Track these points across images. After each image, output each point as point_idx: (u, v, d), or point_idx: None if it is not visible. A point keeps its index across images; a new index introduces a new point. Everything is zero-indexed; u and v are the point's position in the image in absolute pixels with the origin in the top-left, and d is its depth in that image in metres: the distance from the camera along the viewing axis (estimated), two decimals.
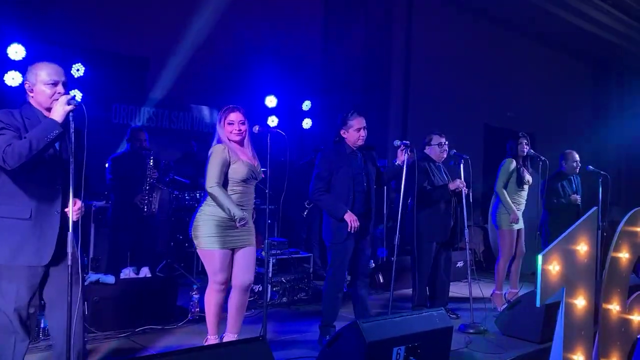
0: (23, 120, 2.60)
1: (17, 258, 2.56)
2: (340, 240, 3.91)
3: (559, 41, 11.11)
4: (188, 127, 7.19)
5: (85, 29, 6.08)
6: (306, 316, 4.82)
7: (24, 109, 2.67)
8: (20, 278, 2.58)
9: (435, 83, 8.96)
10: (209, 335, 3.53)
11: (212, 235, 3.40)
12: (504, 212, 5.18)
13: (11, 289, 2.58)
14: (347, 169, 3.95)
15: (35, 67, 2.66)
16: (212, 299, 3.48)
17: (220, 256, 3.42)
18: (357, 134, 3.96)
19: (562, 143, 7.79)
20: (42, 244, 2.57)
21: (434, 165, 4.79)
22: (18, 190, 2.58)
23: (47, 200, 2.60)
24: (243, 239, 3.51)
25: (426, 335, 3.19)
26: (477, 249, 7.84)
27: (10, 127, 2.54)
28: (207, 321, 3.52)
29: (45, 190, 2.61)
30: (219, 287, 3.46)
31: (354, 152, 4.03)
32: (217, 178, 3.36)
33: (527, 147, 5.21)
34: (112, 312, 4.01)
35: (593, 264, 2.48)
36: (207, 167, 3.41)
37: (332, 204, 3.91)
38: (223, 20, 7.18)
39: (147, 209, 5.37)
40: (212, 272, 3.45)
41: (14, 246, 2.56)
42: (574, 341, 2.42)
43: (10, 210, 2.58)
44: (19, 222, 2.57)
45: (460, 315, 4.90)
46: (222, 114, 3.53)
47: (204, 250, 3.45)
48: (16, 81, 5.53)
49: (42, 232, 2.58)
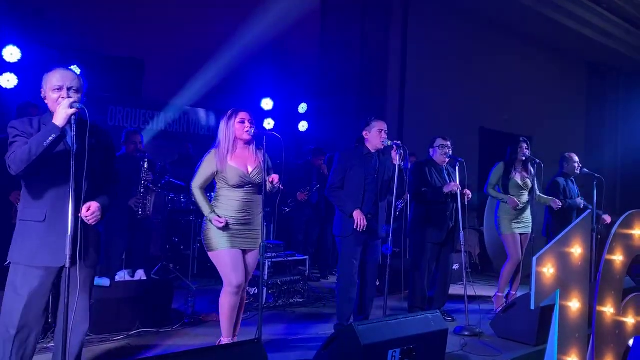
0: (40, 127, 2.64)
1: (35, 259, 2.61)
2: (347, 234, 4.06)
3: (554, 44, 11.17)
4: (184, 129, 7.18)
5: (81, 31, 6.08)
6: (302, 319, 4.82)
7: (44, 116, 2.71)
8: (36, 278, 2.62)
9: (431, 86, 8.99)
10: (223, 337, 3.54)
11: (220, 237, 3.44)
12: (504, 218, 5.19)
13: (26, 290, 2.61)
14: (360, 169, 4.14)
15: (47, 75, 2.71)
16: (226, 302, 3.47)
17: (230, 255, 3.44)
18: (379, 135, 4.16)
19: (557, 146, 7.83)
20: (58, 245, 2.58)
21: (435, 168, 4.80)
22: (34, 194, 2.65)
23: (61, 203, 2.62)
24: (249, 243, 3.54)
25: (421, 337, 3.20)
26: (472, 252, 7.85)
27: (24, 134, 2.59)
28: (222, 323, 3.53)
29: (58, 193, 2.64)
30: (234, 290, 3.45)
31: (370, 154, 4.20)
32: (199, 182, 3.53)
33: (526, 151, 5.24)
34: (107, 315, 3.98)
35: (587, 266, 2.49)
36: (197, 168, 3.56)
37: (342, 201, 4.11)
38: (219, 22, 7.20)
39: (142, 212, 5.36)
40: (225, 273, 3.46)
41: (32, 248, 2.62)
42: (568, 343, 2.42)
43: (28, 214, 2.66)
44: (35, 224, 2.63)
45: (456, 317, 4.91)
46: (232, 113, 3.54)
47: (214, 252, 3.47)
48: (11, 83, 5.52)
49: (58, 234, 2.60)
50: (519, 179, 5.22)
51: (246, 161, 3.54)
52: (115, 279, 4.49)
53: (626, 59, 11.85)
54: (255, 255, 3.59)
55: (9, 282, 2.65)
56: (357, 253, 4.12)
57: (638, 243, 2.71)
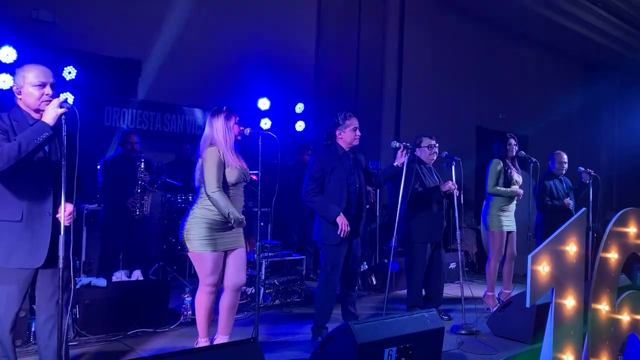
0: (11, 123, 2.60)
1: (10, 260, 2.56)
2: (334, 242, 3.91)
3: (550, 43, 11.20)
4: (180, 129, 7.17)
5: (76, 32, 6.06)
6: (299, 318, 4.82)
7: (12, 111, 2.67)
8: (12, 280, 2.58)
9: (427, 86, 9.01)
10: (200, 338, 3.53)
11: (204, 238, 3.39)
12: (494, 214, 5.21)
13: (2, 292, 2.58)
14: (341, 170, 3.97)
15: (23, 70, 2.66)
16: (202, 301, 3.47)
17: (213, 259, 3.42)
18: (353, 133, 4.03)
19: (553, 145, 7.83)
20: (34, 246, 2.56)
21: (424, 167, 4.82)
22: (9, 193, 2.58)
23: (38, 202, 2.60)
24: (234, 241, 3.52)
25: (418, 336, 3.20)
26: (469, 251, 7.86)
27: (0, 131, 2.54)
28: (198, 323, 3.52)
29: (35, 192, 2.61)
30: (210, 290, 3.46)
31: (346, 153, 4.07)
32: (218, 182, 3.36)
33: (515, 147, 5.25)
34: (104, 315, 3.99)
35: (582, 264, 2.50)
36: (205, 171, 3.39)
37: (325, 206, 3.91)
38: (216, 22, 7.19)
39: (139, 212, 5.36)
40: (204, 274, 3.45)
41: (7, 248, 2.56)
42: (563, 341, 2.43)
43: (1, 213, 2.58)
44: (11, 224, 2.57)
45: (453, 316, 4.92)
46: (229, 114, 3.49)
47: (195, 253, 3.44)
48: (7, 84, 5.50)
49: (35, 234, 2.58)
50: (515, 175, 5.24)
51: (238, 159, 3.56)
52: (112, 279, 4.48)
53: (623, 58, 11.89)
54: (243, 252, 3.59)
55: None
56: (341, 261, 3.97)
57: (633, 241, 2.72)
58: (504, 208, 5.21)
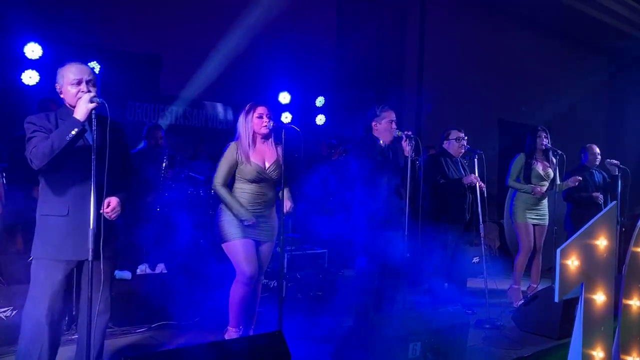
0: (57, 121, 2.67)
1: (58, 253, 2.65)
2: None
3: (575, 34, 10.97)
4: (202, 124, 7.22)
5: (99, 28, 6.12)
6: (320, 312, 4.82)
7: (60, 111, 2.75)
8: (59, 272, 2.66)
9: (448, 78, 8.90)
10: (230, 327, 3.56)
11: (233, 227, 3.45)
12: (519, 206, 5.15)
13: (49, 283, 2.65)
14: (385, 161, 3.98)
15: (62, 69, 2.73)
16: (236, 292, 3.50)
17: (242, 245, 3.45)
18: (390, 125, 4.03)
19: (577, 137, 7.70)
20: (80, 239, 2.60)
21: (450, 160, 4.77)
22: (55, 189, 2.68)
23: (82, 197, 2.65)
24: (262, 235, 3.56)
25: (442, 331, 3.18)
26: (492, 245, 7.78)
27: (42, 129, 2.62)
28: (230, 313, 3.55)
29: (79, 187, 2.67)
30: (246, 280, 3.46)
31: (387, 145, 4.06)
32: (222, 178, 3.49)
33: (545, 141, 5.17)
34: (129, 308, 4.04)
35: (613, 258, 2.44)
36: (218, 164, 3.53)
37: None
38: (236, 17, 7.19)
39: (163, 206, 5.40)
40: (238, 263, 3.48)
41: (56, 242, 2.65)
42: (593, 337, 2.39)
43: (50, 208, 2.68)
44: (58, 218, 2.66)
45: (476, 311, 4.88)
46: (250, 108, 3.54)
47: (226, 244, 3.49)
48: (33, 80, 5.59)
49: (80, 227, 2.63)
50: (540, 168, 5.16)
51: (264, 156, 3.55)
52: (137, 272, 4.53)
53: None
54: (270, 247, 3.61)
55: (34, 277, 2.69)
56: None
57: None
58: (531, 201, 5.13)
